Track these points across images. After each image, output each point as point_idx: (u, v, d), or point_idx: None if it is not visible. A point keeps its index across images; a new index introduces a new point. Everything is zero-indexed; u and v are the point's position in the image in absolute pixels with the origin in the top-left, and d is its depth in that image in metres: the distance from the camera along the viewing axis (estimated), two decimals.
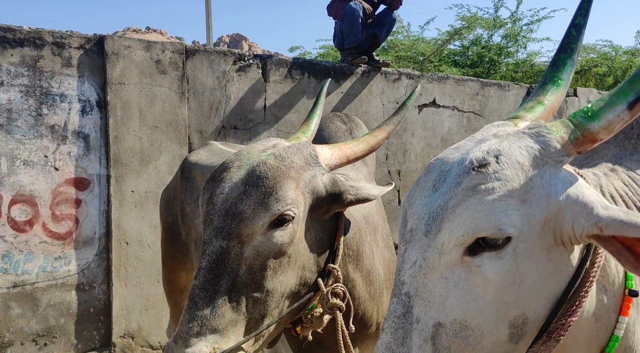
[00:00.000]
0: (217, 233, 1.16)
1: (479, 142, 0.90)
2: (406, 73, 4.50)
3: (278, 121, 3.96)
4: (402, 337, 0.82)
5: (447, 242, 0.82)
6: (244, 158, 1.28)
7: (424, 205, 0.88)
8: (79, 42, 3.31)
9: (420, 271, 0.84)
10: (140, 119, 3.46)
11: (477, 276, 0.82)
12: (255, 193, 1.18)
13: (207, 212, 1.20)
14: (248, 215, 1.17)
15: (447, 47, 8.70)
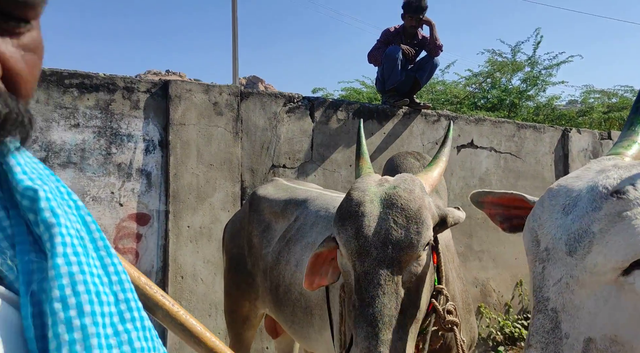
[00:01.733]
0: (380, 262, 1.26)
1: (600, 172, 0.97)
2: (445, 115, 4.70)
3: (324, 160, 4.16)
4: (553, 351, 0.86)
5: (603, 264, 0.86)
6: (370, 192, 1.38)
7: (558, 227, 0.94)
8: (146, 87, 3.58)
9: (568, 288, 0.88)
10: (198, 158, 3.69)
11: (628, 293, 0.85)
12: (409, 223, 1.30)
13: (360, 245, 1.28)
14: (407, 244, 1.28)
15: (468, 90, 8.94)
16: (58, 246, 0.47)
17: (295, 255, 2.20)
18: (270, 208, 2.55)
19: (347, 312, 1.38)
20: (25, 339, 0.44)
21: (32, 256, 0.47)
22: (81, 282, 0.46)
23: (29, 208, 0.49)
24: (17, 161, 0.51)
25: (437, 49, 4.52)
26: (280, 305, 2.20)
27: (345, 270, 1.36)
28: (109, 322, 0.48)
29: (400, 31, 4.61)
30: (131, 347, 0.49)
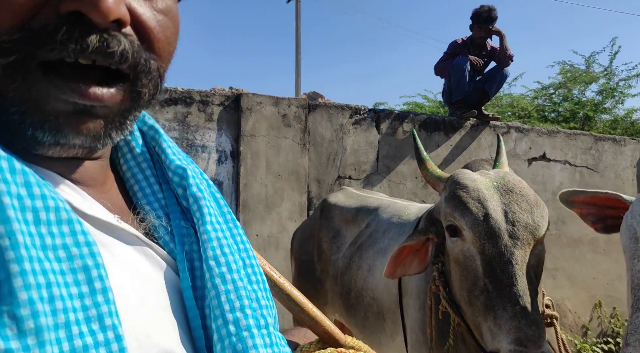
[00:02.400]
0: (513, 243, 1.30)
1: None
2: (515, 126, 4.57)
3: (390, 172, 4.17)
4: None
5: None
6: (480, 181, 1.45)
7: None
8: (220, 100, 3.77)
9: None
10: (267, 168, 3.81)
11: None
12: (532, 208, 1.36)
13: (490, 227, 1.32)
14: (535, 226, 1.33)
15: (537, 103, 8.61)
16: (206, 215, 0.55)
17: (367, 260, 2.22)
18: (341, 215, 2.60)
19: (468, 299, 1.37)
20: (180, 288, 0.52)
21: (183, 223, 0.56)
22: (225, 245, 0.55)
23: (178, 184, 0.57)
24: (168, 144, 0.61)
25: (508, 59, 4.43)
26: (351, 310, 2.22)
27: (466, 256, 1.36)
28: (245, 282, 0.55)
29: (467, 42, 4.57)
30: (259, 304, 0.55)
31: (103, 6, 0.40)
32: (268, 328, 0.55)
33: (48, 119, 0.42)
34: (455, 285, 1.44)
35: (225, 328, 0.50)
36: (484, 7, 4.41)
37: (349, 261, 2.32)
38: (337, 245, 2.49)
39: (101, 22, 0.41)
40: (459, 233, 1.38)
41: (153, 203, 0.56)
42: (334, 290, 2.41)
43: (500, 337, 1.23)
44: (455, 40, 4.63)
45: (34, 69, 0.41)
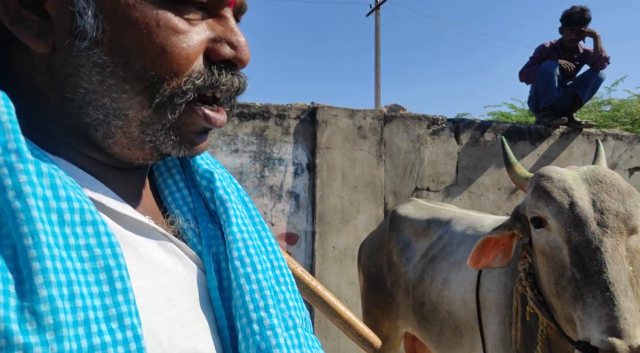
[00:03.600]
0: (602, 230, 1.28)
1: None
2: (613, 134, 4.21)
3: (470, 184, 4.01)
4: None
5: None
6: (567, 174, 1.44)
7: None
8: (296, 113, 3.88)
9: None
10: (342, 181, 3.84)
11: None
12: (624, 196, 1.34)
13: (576, 216, 1.31)
14: (627, 215, 1.30)
15: None
16: (232, 217, 0.57)
17: (441, 273, 2.15)
18: (411, 226, 2.57)
19: (556, 292, 1.34)
20: (208, 288, 0.54)
21: (210, 226, 0.58)
22: (251, 247, 0.56)
23: (206, 187, 0.60)
24: None
25: (603, 61, 4.11)
26: (425, 323, 2.15)
27: (552, 246, 1.35)
28: (271, 283, 0.57)
29: (557, 46, 4.31)
30: (287, 305, 0.56)
31: (247, 55, 0.51)
32: (296, 328, 0.55)
33: (186, 140, 0.51)
34: (544, 280, 1.40)
35: (249, 327, 0.51)
36: (576, 7, 4.14)
37: (422, 273, 2.27)
38: (407, 257, 2.44)
39: (241, 66, 0.51)
40: (544, 223, 1.37)
41: (182, 207, 0.58)
42: (405, 302, 2.36)
43: (590, 325, 1.18)
44: (543, 44, 4.39)
45: (193, 102, 0.49)
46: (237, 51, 0.50)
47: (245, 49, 0.51)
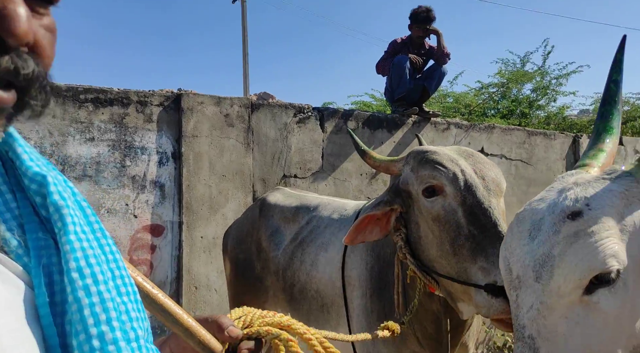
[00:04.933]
0: (489, 193, 1.52)
1: (561, 191, 1.00)
2: (455, 123, 4.79)
3: (335, 170, 4.25)
4: None
5: (564, 286, 0.91)
6: (447, 149, 1.67)
7: (525, 253, 0.98)
8: (159, 100, 3.72)
9: (539, 314, 0.92)
10: (210, 169, 3.80)
11: (595, 312, 0.90)
12: (493, 167, 1.64)
13: (467, 180, 1.55)
14: (500, 181, 1.60)
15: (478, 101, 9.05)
16: (69, 225, 0.53)
17: (310, 255, 2.28)
18: (281, 213, 2.67)
19: (452, 251, 1.50)
20: (35, 305, 0.50)
21: (40, 235, 0.53)
22: (91, 256, 0.53)
23: (36, 192, 0.54)
24: (24, 149, 0.57)
25: (445, 57, 4.64)
26: (295, 303, 2.27)
27: (448, 210, 1.53)
28: (113, 294, 0.54)
29: (407, 41, 4.74)
30: (129, 316, 0.55)
31: (18, 31, 0.44)
32: (138, 341, 0.54)
33: None
34: (431, 246, 1.57)
35: (89, 343, 0.48)
36: (422, 7, 4.59)
37: (291, 256, 2.38)
38: (276, 242, 2.54)
39: (14, 45, 0.45)
40: (439, 191, 1.55)
41: (4, 214, 0.52)
42: (275, 285, 2.46)
43: (495, 271, 1.36)
44: (395, 40, 4.79)
45: None
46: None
47: (11, 19, 0.44)
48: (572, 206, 0.96)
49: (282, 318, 0.81)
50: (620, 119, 1.19)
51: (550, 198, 1.01)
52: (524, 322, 0.95)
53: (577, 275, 0.91)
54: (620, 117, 1.19)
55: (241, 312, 0.80)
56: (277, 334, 0.79)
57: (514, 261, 1.00)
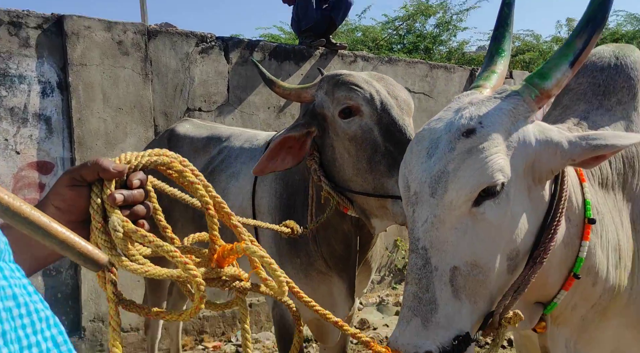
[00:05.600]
0: (402, 112, 1.62)
1: (457, 111, 1.06)
2: (361, 55, 4.82)
3: (242, 103, 4.13)
4: (425, 284, 0.97)
5: (456, 199, 0.98)
6: (359, 73, 1.71)
7: (423, 170, 1.03)
8: (37, 22, 3.29)
9: (432, 227, 0.99)
10: (104, 101, 3.50)
11: (482, 222, 0.99)
12: (404, 89, 1.72)
13: (383, 100, 1.61)
14: (411, 102, 1.72)
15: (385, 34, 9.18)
16: None
17: (220, 184, 2.25)
18: (191, 144, 2.58)
19: (369, 168, 1.56)
20: None
21: None
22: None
23: None
24: None
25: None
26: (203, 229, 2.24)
27: (364, 129, 1.57)
28: None
29: None
30: None
31: None
32: None
33: None
34: (347, 166, 1.61)
35: None
36: None
37: None
38: None
39: None
40: (356, 111, 1.57)
41: None
42: (184, 216, 2.40)
43: None
44: None
45: None
46: None
47: None
48: (466, 124, 1.02)
49: (156, 150, 0.82)
50: (511, 41, 1.25)
51: (448, 118, 1.06)
52: (418, 235, 1.01)
53: (468, 189, 0.98)
54: (511, 40, 1.26)
55: (122, 156, 0.79)
56: (159, 161, 0.80)
57: (412, 179, 1.05)
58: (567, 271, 1.15)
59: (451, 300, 0.97)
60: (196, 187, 0.84)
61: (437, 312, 0.96)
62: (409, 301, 0.98)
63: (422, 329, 0.95)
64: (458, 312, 0.97)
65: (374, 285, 5.10)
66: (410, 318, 0.97)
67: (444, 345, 0.94)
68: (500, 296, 1.04)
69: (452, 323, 0.96)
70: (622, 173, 1.24)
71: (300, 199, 1.89)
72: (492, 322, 1.03)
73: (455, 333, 0.96)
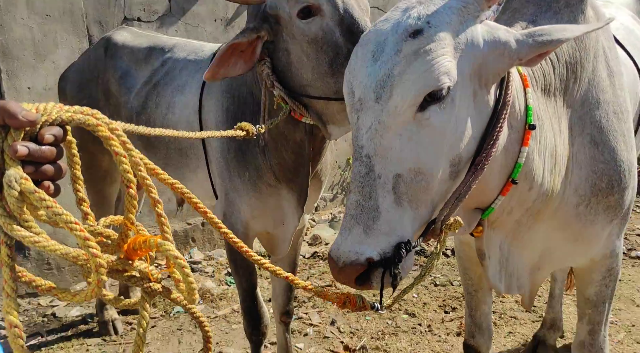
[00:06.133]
0: (363, 13, 1.57)
1: (405, 10, 1.02)
2: None
3: (185, 14, 3.88)
4: (368, 192, 0.97)
5: (401, 105, 0.97)
6: None
7: (368, 75, 1.00)
8: None
9: (377, 133, 0.98)
10: (28, 7, 3.19)
11: (426, 128, 0.99)
12: None
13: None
14: (368, 5, 1.69)
15: None
16: None
17: (165, 98, 2.17)
18: (131, 54, 2.44)
19: (330, 72, 1.53)
20: None
21: None
22: None
23: None
24: None
25: None
26: (151, 149, 2.19)
27: (325, 31, 1.52)
28: None
29: None
30: None
31: None
32: None
33: None
34: (305, 70, 1.57)
35: None
36: None
37: (145, 100, 2.24)
38: (127, 85, 2.35)
39: None
40: (316, 11, 1.51)
41: None
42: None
43: None
44: None
45: None
46: None
47: None
48: (414, 24, 0.99)
49: (84, 109, 0.74)
50: None
51: (395, 18, 1.02)
52: (362, 142, 1.00)
53: (413, 93, 0.97)
54: None
55: (33, 105, 0.69)
56: (83, 120, 0.71)
57: (357, 84, 1.03)
58: (506, 177, 1.19)
59: (393, 207, 0.97)
60: (120, 159, 0.73)
61: (379, 219, 0.96)
62: (352, 210, 0.98)
63: (363, 237, 0.96)
64: (400, 219, 0.98)
65: (326, 203, 5.25)
66: (352, 227, 0.97)
67: (385, 251, 0.95)
68: (442, 203, 1.06)
69: (394, 230, 0.97)
70: (565, 79, 1.28)
71: (248, 113, 1.86)
72: (433, 228, 1.05)
73: (397, 240, 0.97)
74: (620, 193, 1.36)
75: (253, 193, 1.88)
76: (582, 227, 1.38)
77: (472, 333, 1.86)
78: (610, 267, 1.53)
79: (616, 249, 1.51)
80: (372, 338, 2.80)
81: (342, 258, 0.96)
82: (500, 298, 3.22)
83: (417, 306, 3.18)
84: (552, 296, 2.69)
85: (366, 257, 0.94)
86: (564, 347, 2.67)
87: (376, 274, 0.96)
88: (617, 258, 1.53)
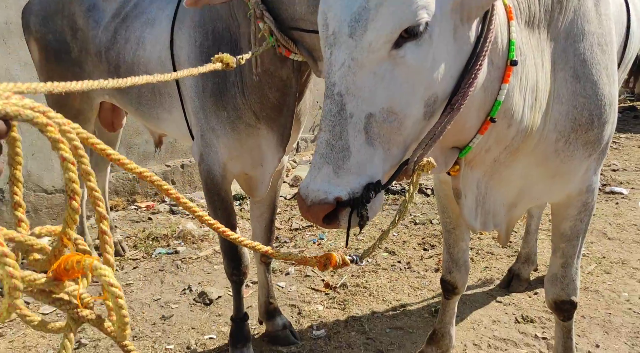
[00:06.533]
0: None
1: None
2: None
3: None
4: (339, 132, 0.96)
5: (376, 41, 0.93)
6: None
7: (343, 7, 0.96)
8: None
9: (349, 71, 0.95)
10: None
11: (401, 66, 0.96)
12: None
13: None
14: None
15: None
16: None
17: (135, 32, 2.07)
18: None
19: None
20: None
21: None
22: None
23: None
24: None
25: None
26: (122, 89, 2.11)
27: None
28: None
29: None
30: None
31: None
32: None
33: None
34: (299, 1, 1.46)
35: None
36: None
37: (114, 34, 2.13)
38: (95, 19, 2.22)
39: None
40: None
41: None
42: (98, 69, 2.23)
43: None
44: None
45: None
46: None
47: None
48: None
49: (37, 105, 0.64)
50: None
51: None
52: (334, 80, 0.97)
53: (389, 28, 0.93)
54: None
55: None
56: (31, 117, 0.61)
57: (331, 17, 0.99)
58: (485, 116, 1.18)
59: (364, 147, 0.96)
60: (67, 166, 0.64)
61: (349, 159, 0.95)
62: (322, 149, 0.97)
63: (333, 176, 0.95)
64: (371, 160, 0.97)
65: (307, 144, 5.24)
66: (322, 166, 0.96)
67: (354, 191, 0.95)
68: (416, 143, 1.05)
69: (364, 170, 0.96)
70: (550, 10, 1.24)
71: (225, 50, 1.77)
72: (406, 169, 1.05)
73: (367, 180, 0.96)
74: (600, 127, 1.35)
75: (231, 133, 1.84)
76: (560, 163, 1.38)
77: (450, 269, 1.92)
78: (585, 202, 1.56)
79: (592, 184, 1.53)
80: (353, 276, 2.89)
81: (311, 196, 0.95)
82: (478, 235, 3.32)
83: (397, 244, 3.27)
84: (528, 232, 2.78)
85: (334, 196, 0.94)
86: (537, 279, 2.80)
87: (344, 213, 0.96)
88: (593, 193, 1.55)
